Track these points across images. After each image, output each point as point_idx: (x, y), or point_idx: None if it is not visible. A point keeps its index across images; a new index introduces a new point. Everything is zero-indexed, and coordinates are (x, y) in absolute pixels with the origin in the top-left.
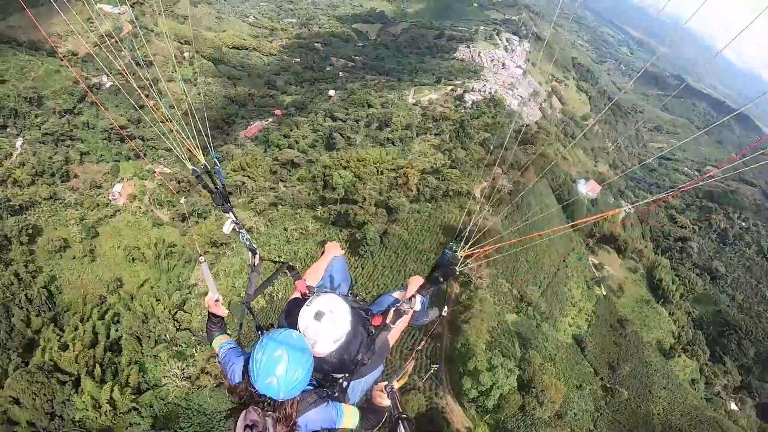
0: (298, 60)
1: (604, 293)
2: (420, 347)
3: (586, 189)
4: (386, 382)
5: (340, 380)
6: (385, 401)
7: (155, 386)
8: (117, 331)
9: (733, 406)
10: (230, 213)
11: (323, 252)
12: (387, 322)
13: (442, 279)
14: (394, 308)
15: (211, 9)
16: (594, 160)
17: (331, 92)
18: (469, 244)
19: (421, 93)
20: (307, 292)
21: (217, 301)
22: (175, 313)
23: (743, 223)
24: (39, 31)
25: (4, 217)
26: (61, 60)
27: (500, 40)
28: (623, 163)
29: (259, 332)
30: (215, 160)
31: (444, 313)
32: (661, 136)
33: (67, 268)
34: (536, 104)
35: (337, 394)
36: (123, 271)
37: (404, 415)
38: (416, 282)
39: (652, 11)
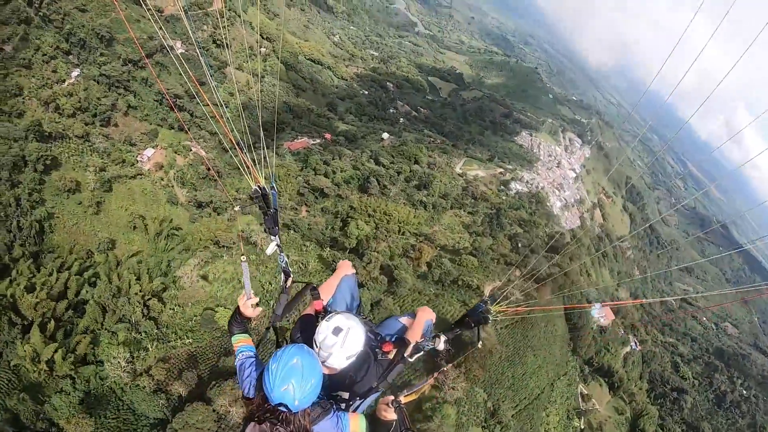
0: (366, 93)
1: (582, 427)
2: (446, 369)
3: (599, 314)
4: (392, 397)
5: (348, 400)
6: (391, 415)
7: (100, 363)
8: (87, 292)
9: None
10: (277, 237)
11: (336, 270)
12: (406, 355)
13: (473, 324)
14: (414, 343)
15: (301, 15)
16: (617, 284)
17: (385, 135)
18: (501, 301)
19: (470, 166)
20: (322, 311)
21: (249, 300)
22: (149, 299)
23: (744, 392)
24: None
25: (29, 138)
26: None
27: (563, 137)
28: (644, 295)
29: None
30: (274, 184)
31: (479, 345)
32: (690, 279)
33: (69, 211)
34: (578, 212)
35: (341, 406)
36: (120, 235)
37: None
38: (425, 313)
39: (717, 154)
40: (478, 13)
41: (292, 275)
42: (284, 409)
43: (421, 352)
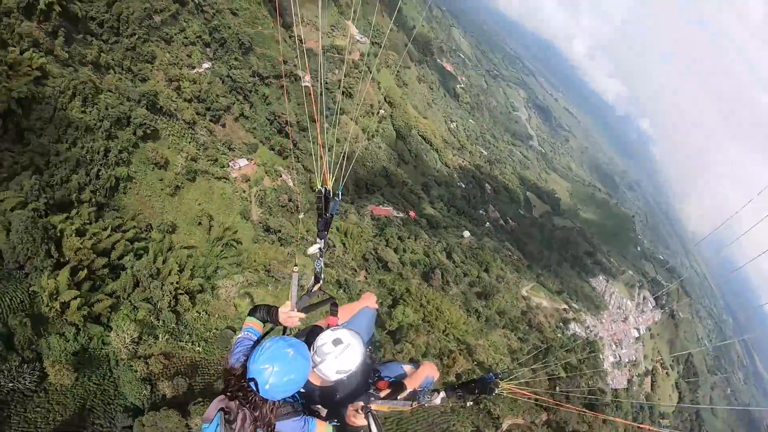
0: (463, 186)
1: None
2: (425, 405)
3: None
4: (362, 403)
5: (325, 417)
6: (360, 421)
7: (109, 328)
8: (129, 261)
9: None
10: (323, 240)
11: (360, 298)
12: (399, 397)
13: (477, 391)
14: (411, 390)
15: (428, 93)
16: None
17: (466, 233)
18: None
19: (537, 293)
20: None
21: (290, 318)
22: (182, 293)
23: None
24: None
25: (141, 103)
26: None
27: (638, 294)
28: None
29: None
30: (340, 192)
31: (468, 404)
32: None
33: (148, 182)
34: (629, 374)
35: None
36: (183, 224)
37: None
38: (429, 368)
39: None
40: (594, 145)
41: (321, 282)
42: (253, 387)
43: (414, 401)
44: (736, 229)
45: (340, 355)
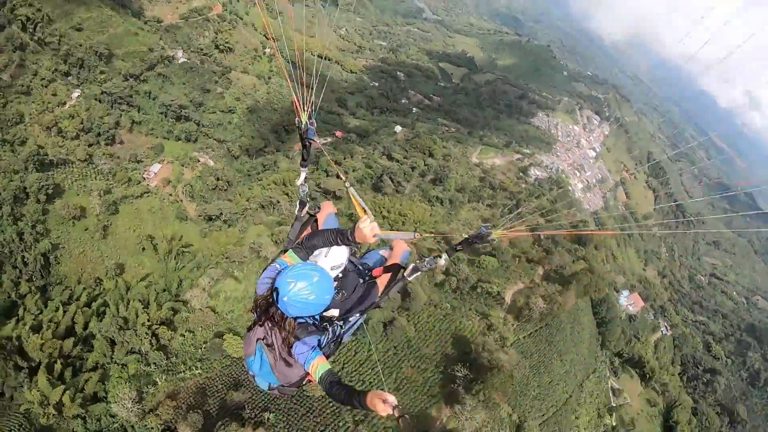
0: (377, 84)
1: (614, 424)
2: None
3: (627, 302)
4: (395, 402)
5: (335, 324)
6: (382, 410)
7: (110, 399)
8: (95, 326)
9: None
10: (304, 169)
11: (321, 208)
12: (405, 275)
13: (474, 242)
14: (413, 265)
15: (306, 11)
16: (644, 264)
17: (398, 128)
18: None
19: (487, 154)
20: None
21: (374, 227)
22: (158, 327)
23: None
24: None
25: (29, 169)
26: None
27: (581, 116)
28: (672, 272)
29: None
30: (313, 119)
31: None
32: (718, 252)
33: (74, 239)
34: (600, 192)
35: (326, 341)
36: (129, 258)
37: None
38: (401, 245)
39: (740, 122)
40: None
41: (307, 206)
42: (275, 296)
43: (419, 273)
44: (654, 24)
45: (329, 253)
